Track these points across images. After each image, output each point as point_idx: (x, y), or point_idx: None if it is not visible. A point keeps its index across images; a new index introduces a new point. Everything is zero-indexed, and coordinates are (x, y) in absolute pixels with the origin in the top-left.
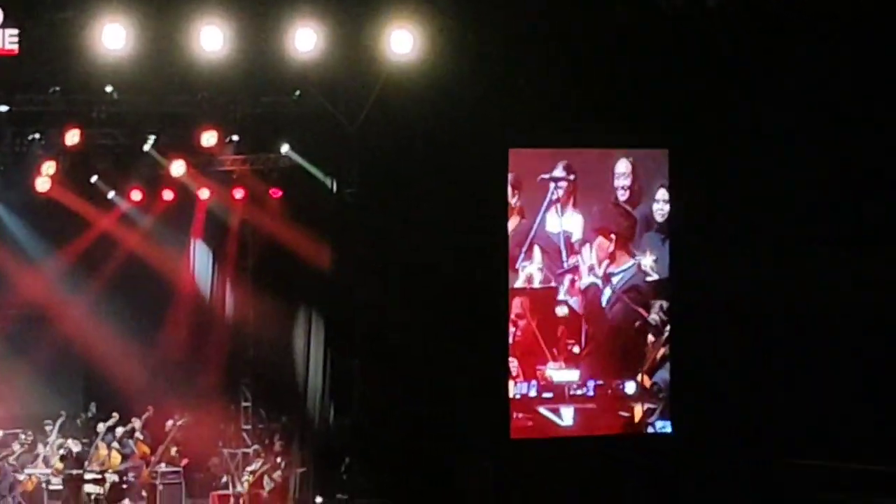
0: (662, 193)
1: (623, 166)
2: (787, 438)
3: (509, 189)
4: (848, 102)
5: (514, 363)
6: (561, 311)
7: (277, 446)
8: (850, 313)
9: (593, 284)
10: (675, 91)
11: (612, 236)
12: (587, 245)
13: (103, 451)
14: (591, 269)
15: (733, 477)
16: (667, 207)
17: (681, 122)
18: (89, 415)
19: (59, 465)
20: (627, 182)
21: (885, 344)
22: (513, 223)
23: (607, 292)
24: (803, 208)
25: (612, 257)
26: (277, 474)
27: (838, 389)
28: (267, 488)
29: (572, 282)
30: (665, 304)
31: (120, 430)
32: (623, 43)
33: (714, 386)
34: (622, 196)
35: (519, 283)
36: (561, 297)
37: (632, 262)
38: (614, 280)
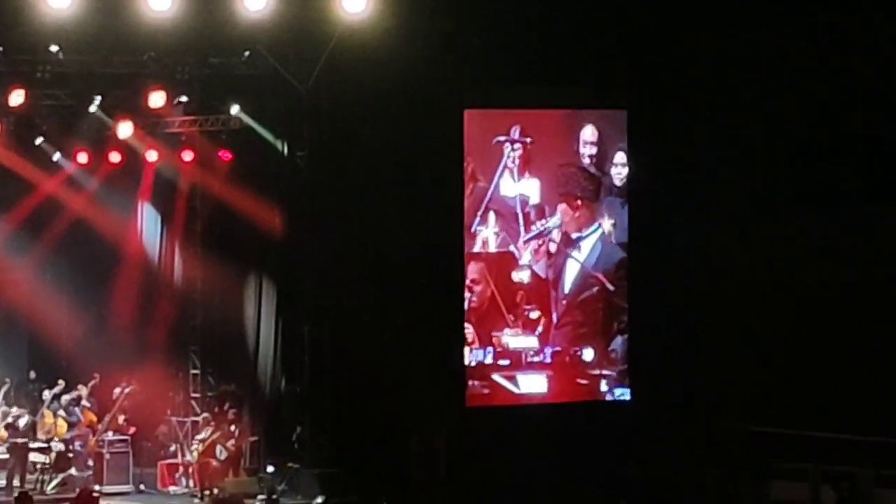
0: (620, 157)
1: (589, 132)
2: (746, 406)
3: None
4: (809, 67)
5: (469, 329)
6: (520, 276)
7: (230, 415)
8: (810, 279)
9: (559, 251)
10: (634, 51)
11: (577, 202)
12: (551, 210)
13: (49, 419)
14: (556, 234)
15: (691, 444)
16: (625, 171)
17: (640, 83)
18: (32, 384)
19: (4, 434)
20: (594, 149)
21: (845, 311)
22: (468, 187)
23: (572, 259)
24: (763, 172)
25: (577, 222)
26: (231, 443)
27: (798, 357)
28: (220, 457)
29: (537, 248)
30: (624, 269)
31: (66, 398)
32: (580, 1)
33: (673, 353)
34: (587, 159)
35: (475, 247)
36: (525, 262)
37: (596, 224)
38: (581, 245)
